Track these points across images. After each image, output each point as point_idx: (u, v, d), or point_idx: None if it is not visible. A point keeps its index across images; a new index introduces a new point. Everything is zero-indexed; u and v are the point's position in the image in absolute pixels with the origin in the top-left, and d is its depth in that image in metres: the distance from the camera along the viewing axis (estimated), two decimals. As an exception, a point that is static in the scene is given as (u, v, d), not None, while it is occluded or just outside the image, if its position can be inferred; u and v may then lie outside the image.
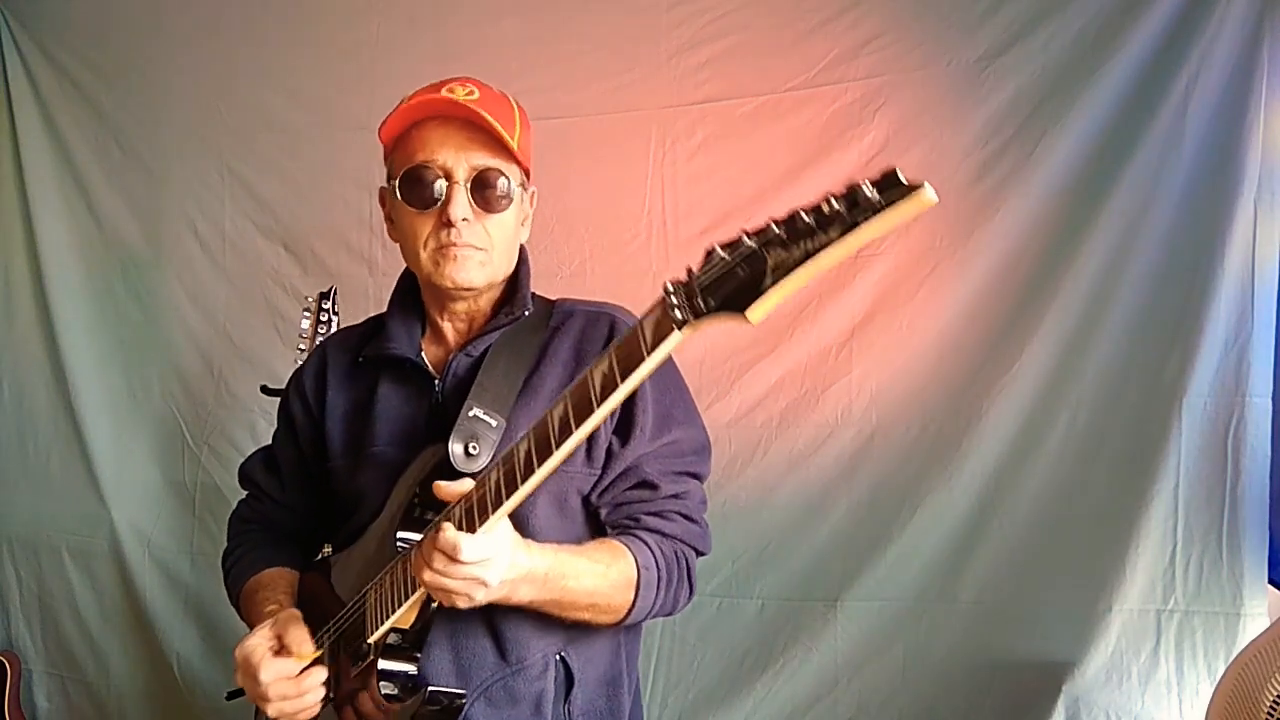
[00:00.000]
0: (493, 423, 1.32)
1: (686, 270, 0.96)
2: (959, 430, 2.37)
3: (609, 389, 1.01)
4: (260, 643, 1.31)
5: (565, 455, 1.07)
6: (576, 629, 1.35)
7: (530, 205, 1.46)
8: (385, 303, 1.51)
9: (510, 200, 1.37)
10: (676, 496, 1.39)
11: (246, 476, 1.64)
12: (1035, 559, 2.32)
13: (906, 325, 2.42)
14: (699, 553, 1.42)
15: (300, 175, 2.89)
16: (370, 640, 1.29)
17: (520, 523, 1.25)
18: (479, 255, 1.36)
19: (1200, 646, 2.19)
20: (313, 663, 1.31)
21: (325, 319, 2.59)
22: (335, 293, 2.62)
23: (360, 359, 1.48)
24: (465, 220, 1.33)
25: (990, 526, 2.35)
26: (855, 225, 0.83)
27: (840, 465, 2.47)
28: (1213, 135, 2.18)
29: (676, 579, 1.37)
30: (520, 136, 1.37)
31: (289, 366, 2.64)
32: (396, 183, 1.36)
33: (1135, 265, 2.24)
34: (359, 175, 2.77)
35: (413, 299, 1.49)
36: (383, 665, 1.28)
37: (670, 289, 0.96)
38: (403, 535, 1.29)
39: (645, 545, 1.34)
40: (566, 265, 2.66)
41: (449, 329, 1.45)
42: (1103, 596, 2.24)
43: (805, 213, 0.86)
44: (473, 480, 1.19)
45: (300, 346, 2.59)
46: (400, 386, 1.44)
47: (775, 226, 0.89)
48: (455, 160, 1.33)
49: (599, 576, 1.28)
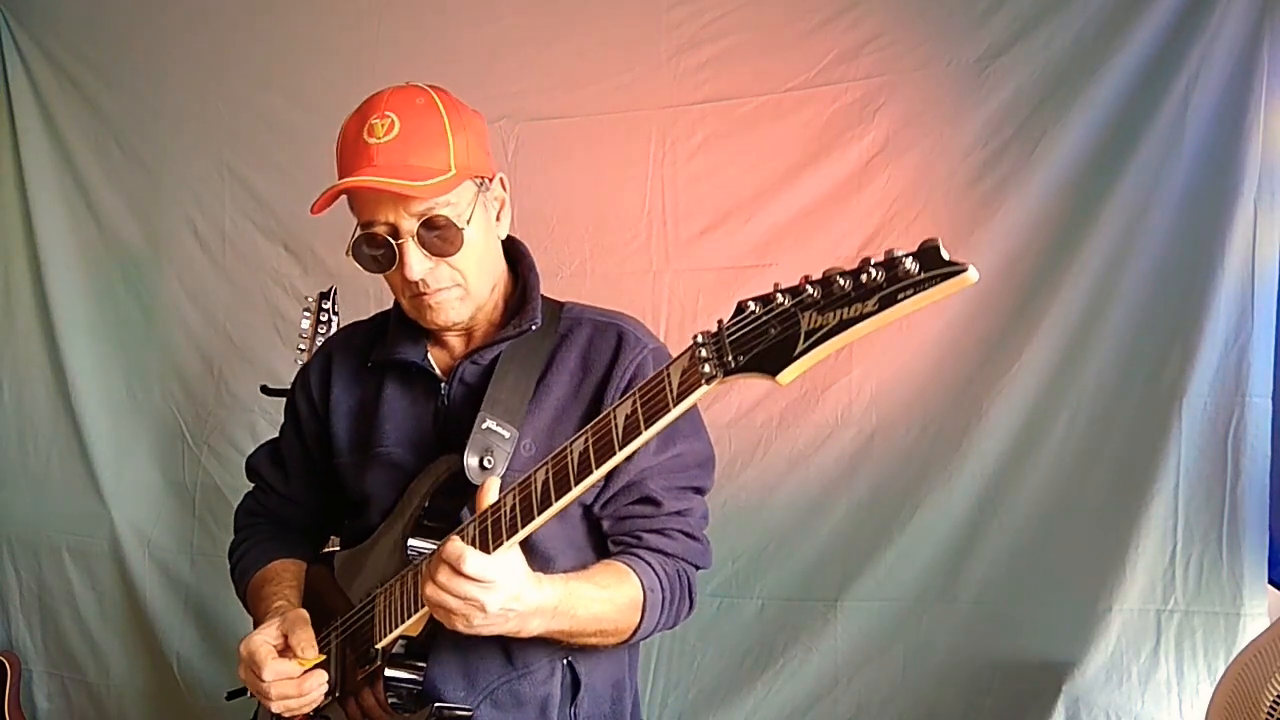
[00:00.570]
0: (505, 434, 1.32)
1: (717, 322, 0.95)
2: (959, 430, 2.37)
3: (632, 433, 1.02)
4: (265, 641, 1.31)
5: (582, 492, 1.08)
6: None
7: (500, 192, 1.40)
8: (386, 302, 1.51)
9: (465, 225, 1.31)
10: (679, 514, 1.38)
11: (253, 469, 1.65)
12: (1035, 559, 2.32)
13: (906, 325, 2.40)
14: (699, 568, 1.42)
15: (300, 175, 2.88)
16: (378, 646, 1.30)
17: None
18: (455, 293, 1.34)
19: (1200, 646, 2.19)
20: (317, 665, 1.31)
21: (325, 319, 2.58)
22: (335, 293, 2.62)
23: (369, 363, 1.48)
24: (427, 270, 1.30)
25: (990, 526, 2.35)
26: (895, 301, 0.82)
27: (840, 465, 2.47)
28: (1213, 135, 2.18)
29: (678, 597, 1.37)
30: (456, 147, 1.30)
31: (289, 366, 2.64)
32: (352, 249, 1.33)
33: (1135, 265, 2.24)
34: (359, 175, 2.77)
35: None
36: (389, 673, 1.29)
37: (700, 340, 0.96)
38: (414, 543, 1.30)
39: (649, 566, 1.33)
40: (566, 265, 2.66)
41: (452, 337, 1.44)
42: (1103, 596, 2.24)
43: (843, 277, 0.85)
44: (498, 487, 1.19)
45: (300, 346, 2.59)
46: (407, 389, 1.44)
47: (811, 288, 0.87)
48: (396, 214, 1.28)
49: (606, 603, 1.28)
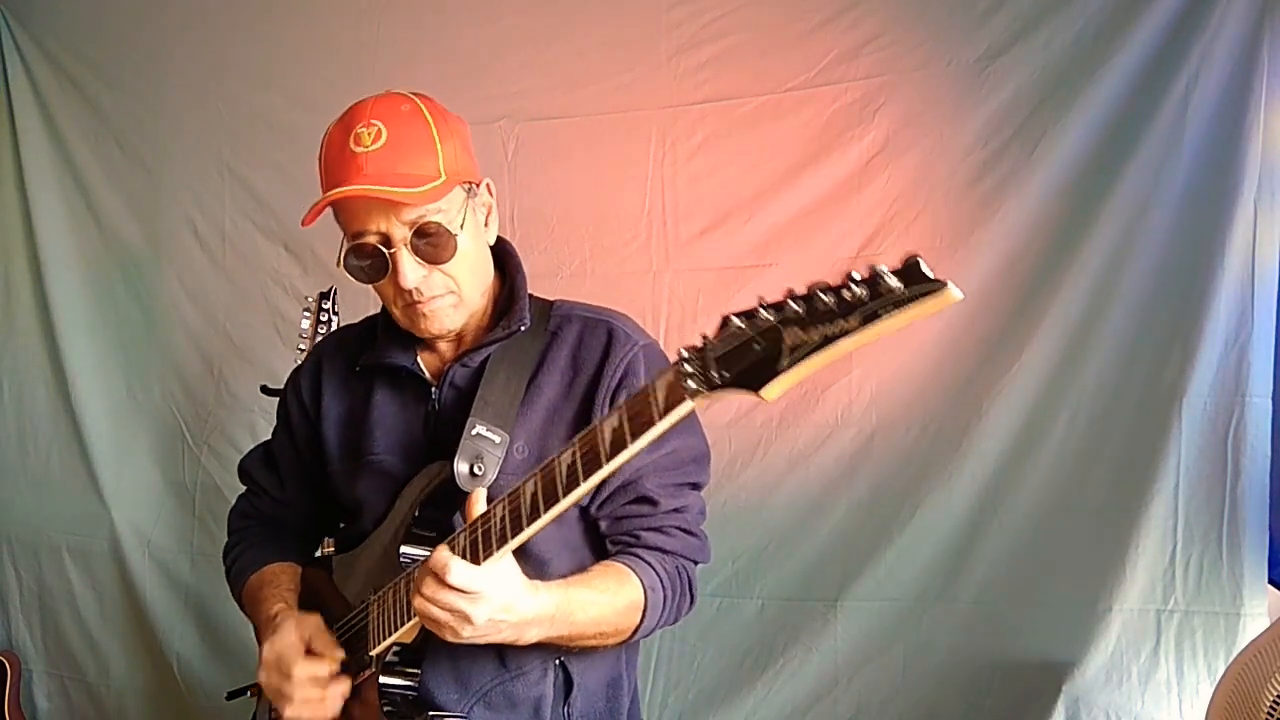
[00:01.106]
0: (495, 438, 1.32)
1: (701, 336, 0.95)
2: (959, 430, 2.37)
3: (619, 446, 1.02)
4: (294, 643, 1.33)
5: (571, 504, 1.08)
6: None
7: (487, 198, 1.39)
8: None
9: (458, 231, 1.31)
10: (676, 511, 1.38)
11: (246, 472, 1.65)
12: (1035, 559, 2.32)
13: (906, 326, 2.41)
14: (698, 563, 1.42)
15: (300, 175, 2.88)
16: (372, 653, 1.31)
17: None
18: (449, 300, 1.34)
19: (1200, 646, 2.19)
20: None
21: (325, 319, 2.58)
22: (335, 293, 2.62)
23: (357, 368, 1.48)
24: (421, 278, 1.31)
25: (990, 526, 2.35)
26: (876, 317, 0.83)
27: (840, 465, 2.47)
28: (1213, 135, 2.18)
29: (679, 593, 1.37)
30: (445, 153, 1.30)
31: (289, 366, 2.63)
32: (343, 261, 1.33)
33: (1135, 265, 2.24)
34: (359, 175, 2.77)
35: None
36: (383, 680, 1.30)
37: (685, 355, 0.96)
38: (406, 550, 1.30)
39: (649, 565, 1.33)
40: (566, 265, 2.66)
41: (441, 341, 1.44)
42: (1103, 596, 2.24)
43: (824, 293, 0.85)
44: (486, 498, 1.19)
45: (300, 346, 2.59)
46: (396, 394, 1.44)
47: (794, 303, 0.87)
48: (388, 222, 1.28)
49: (605, 606, 1.28)
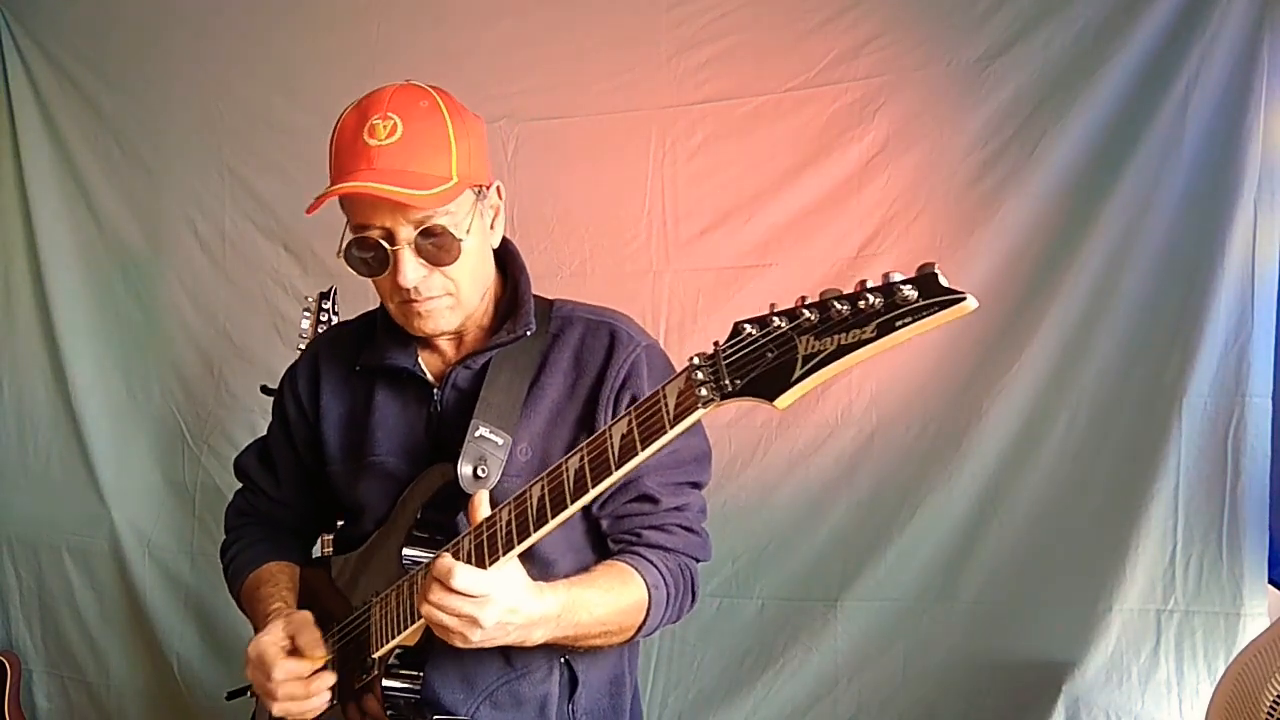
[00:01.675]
0: (499, 440, 1.32)
1: (714, 344, 0.94)
2: (959, 430, 2.37)
3: (628, 453, 1.02)
4: (274, 641, 1.32)
5: (578, 509, 1.08)
6: None
7: (496, 200, 1.36)
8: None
9: (464, 235, 1.28)
10: (678, 509, 1.38)
11: (242, 469, 1.64)
12: (1035, 559, 2.32)
13: (906, 326, 2.41)
14: (699, 561, 1.42)
15: (300, 175, 2.88)
16: (375, 656, 1.30)
17: None
18: (445, 301, 1.32)
19: (1200, 646, 2.19)
20: (322, 666, 1.32)
21: (325, 319, 2.58)
22: (335, 293, 2.62)
23: (357, 368, 1.47)
24: (421, 278, 1.28)
25: (990, 526, 2.35)
26: (893, 328, 0.82)
27: (840, 465, 2.47)
28: (1213, 135, 2.18)
29: (682, 591, 1.37)
30: (459, 154, 1.27)
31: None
32: (344, 251, 1.30)
33: (1135, 265, 2.24)
34: (359, 175, 2.77)
35: None
36: (386, 684, 1.30)
37: (696, 362, 0.95)
38: (409, 553, 1.30)
39: (651, 564, 1.33)
40: (566, 265, 2.66)
41: (442, 341, 1.43)
42: (1103, 596, 2.24)
43: (839, 301, 0.84)
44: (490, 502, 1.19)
45: (300, 347, 2.59)
46: (397, 394, 1.43)
47: (808, 311, 0.86)
48: (394, 220, 1.25)
49: (610, 605, 1.27)
